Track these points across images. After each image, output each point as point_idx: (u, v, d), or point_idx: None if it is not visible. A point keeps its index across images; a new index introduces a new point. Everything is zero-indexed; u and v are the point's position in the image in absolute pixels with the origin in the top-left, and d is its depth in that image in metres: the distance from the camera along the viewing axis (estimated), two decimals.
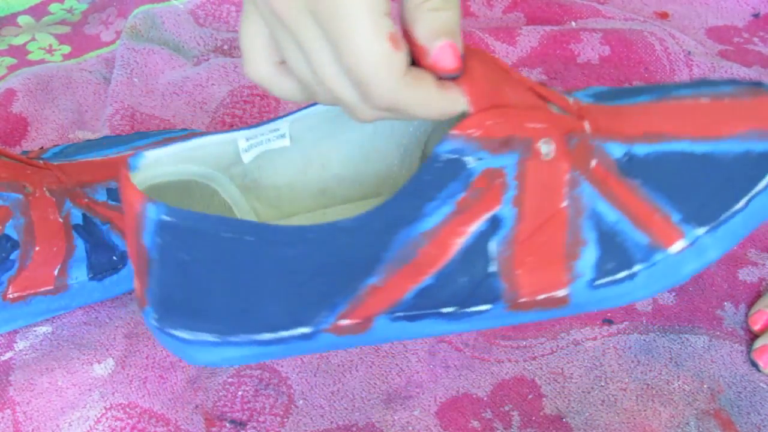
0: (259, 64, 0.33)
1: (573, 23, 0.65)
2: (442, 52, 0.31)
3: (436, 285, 0.36)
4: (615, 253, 0.36)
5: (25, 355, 0.49)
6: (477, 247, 0.35)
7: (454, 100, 0.32)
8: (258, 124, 0.38)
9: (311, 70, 0.31)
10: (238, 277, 0.34)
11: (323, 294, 0.35)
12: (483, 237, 0.35)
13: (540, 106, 0.35)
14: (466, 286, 0.36)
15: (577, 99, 0.38)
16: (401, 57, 0.30)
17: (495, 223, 0.35)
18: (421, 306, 0.36)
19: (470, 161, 0.33)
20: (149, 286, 0.35)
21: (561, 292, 0.37)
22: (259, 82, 0.33)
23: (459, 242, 0.35)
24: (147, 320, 0.36)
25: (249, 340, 0.36)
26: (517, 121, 0.34)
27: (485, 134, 0.33)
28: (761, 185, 0.37)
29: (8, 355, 0.49)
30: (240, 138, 0.37)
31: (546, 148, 0.34)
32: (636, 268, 0.37)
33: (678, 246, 0.37)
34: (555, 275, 0.36)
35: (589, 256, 0.36)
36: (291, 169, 0.40)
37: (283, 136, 0.38)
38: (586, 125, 0.36)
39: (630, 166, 0.37)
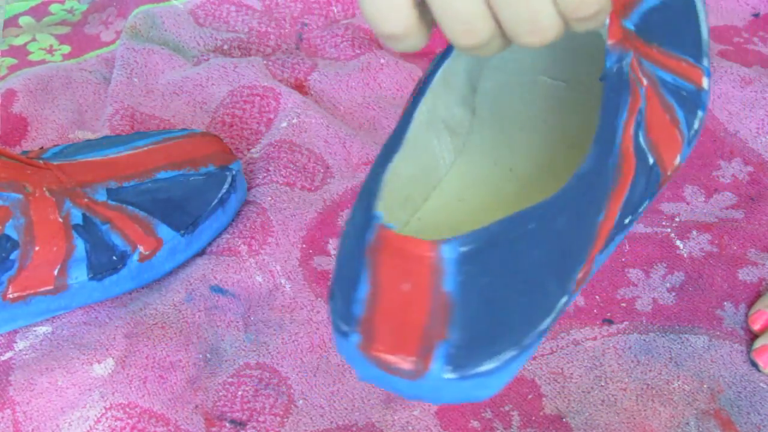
0: (403, 15, 0.30)
1: None
2: None
3: (629, 198, 0.36)
4: (689, 107, 0.39)
5: (25, 355, 0.49)
6: (638, 146, 0.36)
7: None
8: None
9: None
10: (529, 272, 0.33)
11: (579, 250, 0.35)
12: (636, 134, 0.36)
13: None
14: (643, 187, 0.37)
15: None
16: None
17: (638, 118, 0.36)
18: (618, 226, 0.37)
19: (624, 65, 0.35)
20: (448, 338, 0.32)
21: (678, 159, 0.39)
22: (402, 33, 0.31)
23: (632, 146, 0.36)
24: (432, 382, 0.33)
25: (536, 334, 0.34)
26: (615, 18, 0.36)
27: (621, 36, 0.35)
28: (700, 6, 0.42)
29: (8, 355, 0.49)
30: None
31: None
32: (700, 114, 0.40)
33: (705, 82, 0.40)
34: (676, 144, 0.39)
35: (681, 117, 0.39)
36: None
37: None
38: None
39: (642, 33, 0.39)
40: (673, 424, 0.44)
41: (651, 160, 0.37)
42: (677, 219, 0.52)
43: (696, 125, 0.40)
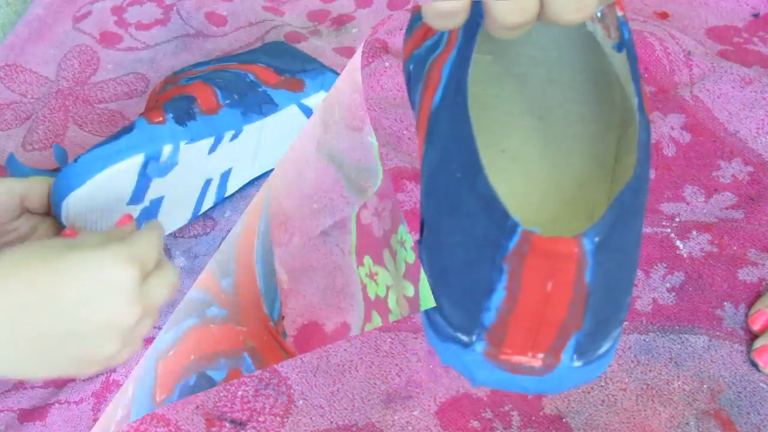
0: None
1: None
2: None
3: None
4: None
5: None
6: (640, 105, 0.38)
7: None
8: None
9: None
10: (631, 247, 0.33)
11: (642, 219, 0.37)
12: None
13: None
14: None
15: None
16: None
17: None
18: None
19: (631, 36, 0.37)
20: (582, 328, 0.33)
21: None
22: (461, 9, 0.32)
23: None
24: (560, 373, 0.34)
25: (626, 307, 0.35)
26: None
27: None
28: None
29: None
30: None
31: None
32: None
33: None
34: (646, 97, 0.40)
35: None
36: None
37: None
38: None
39: None
40: (673, 424, 0.44)
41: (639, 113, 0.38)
42: (677, 219, 0.52)
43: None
